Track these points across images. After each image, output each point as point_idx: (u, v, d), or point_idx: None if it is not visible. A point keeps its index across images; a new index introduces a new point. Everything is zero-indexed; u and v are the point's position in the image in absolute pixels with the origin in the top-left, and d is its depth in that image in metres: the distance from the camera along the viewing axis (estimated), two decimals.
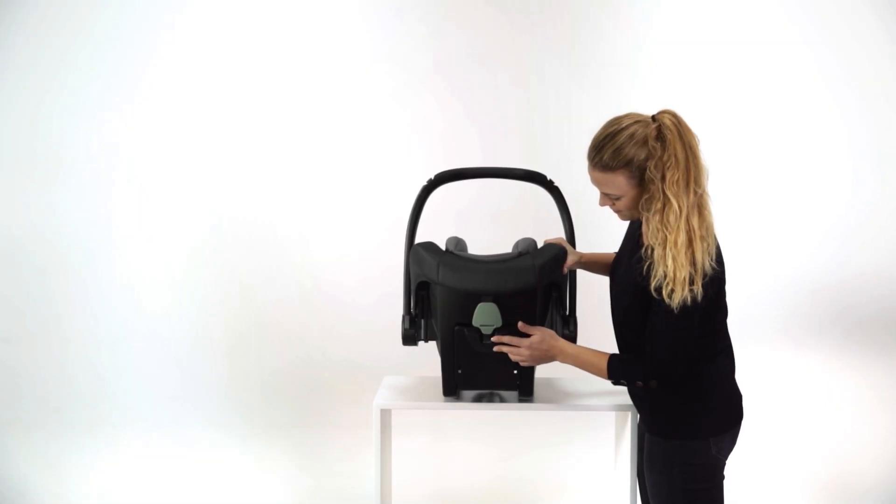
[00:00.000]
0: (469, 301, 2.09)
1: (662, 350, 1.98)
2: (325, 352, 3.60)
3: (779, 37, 3.50)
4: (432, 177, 2.25)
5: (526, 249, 2.16)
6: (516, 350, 2.10)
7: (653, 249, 1.95)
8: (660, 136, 1.95)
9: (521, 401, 2.24)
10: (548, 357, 2.10)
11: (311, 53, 3.54)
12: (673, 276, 1.92)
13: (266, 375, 3.60)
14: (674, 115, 1.97)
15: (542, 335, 2.10)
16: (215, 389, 3.61)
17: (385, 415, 2.31)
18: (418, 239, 2.28)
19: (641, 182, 1.97)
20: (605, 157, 1.96)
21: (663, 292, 1.93)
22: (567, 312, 2.21)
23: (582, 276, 2.34)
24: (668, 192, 1.93)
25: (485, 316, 2.09)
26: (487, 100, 3.55)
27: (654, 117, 1.99)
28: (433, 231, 2.52)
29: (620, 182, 1.98)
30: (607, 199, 2.04)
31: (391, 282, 3.25)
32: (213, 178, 3.56)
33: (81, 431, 3.59)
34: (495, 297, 2.08)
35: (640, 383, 2.04)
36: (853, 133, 3.52)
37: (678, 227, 1.92)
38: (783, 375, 3.55)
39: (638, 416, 2.21)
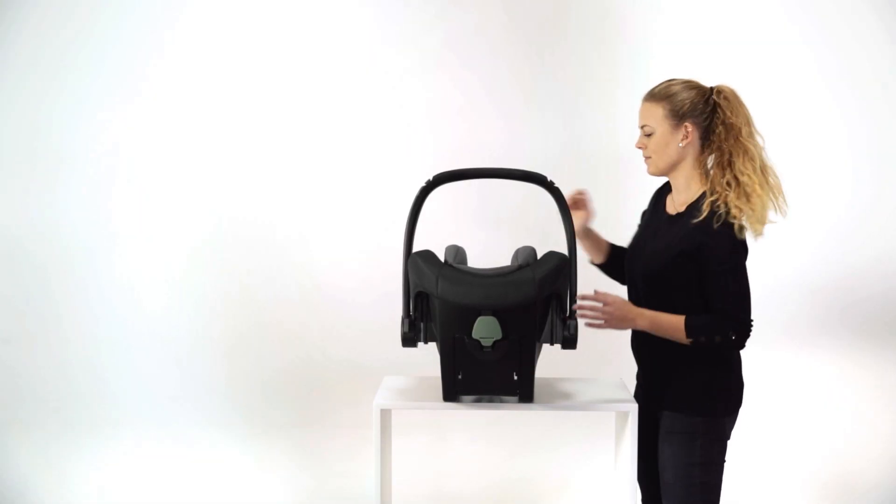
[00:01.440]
0: (468, 314, 2.09)
1: (732, 296, 2.10)
2: (325, 352, 3.60)
3: (779, 37, 3.50)
4: (430, 178, 2.24)
5: (526, 261, 2.15)
6: (601, 310, 2.15)
7: (713, 193, 2.13)
8: (710, 98, 2.17)
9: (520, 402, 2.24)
10: (627, 320, 2.16)
11: (309, 56, 3.54)
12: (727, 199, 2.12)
13: (266, 375, 3.60)
14: (731, 89, 2.19)
15: (619, 301, 2.17)
16: (215, 389, 3.61)
17: (385, 415, 2.31)
18: (417, 240, 2.28)
19: (677, 123, 2.15)
20: (656, 90, 2.19)
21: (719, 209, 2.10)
22: (567, 315, 2.21)
23: (582, 278, 2.34)
24: (725, 143, 2.15)
25: (485, 329, 2.09)
26: (488, 100, 3.56)
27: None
28: (433, 233, 2.52)
29: (658, 114, 2.16)
30: (642, 137, 2.21)
31: (391, 282, 3.24)
32: (213, 178, 3.56)
33: (81, 431, 3.59)
34: (495, 311, 2.08)
35: (718, 338, 2.11)
36: (853, 133, 3.52)
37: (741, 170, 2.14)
38: (782, 375, 3.55)
39: (631, 409, 2.21)
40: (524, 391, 2.18)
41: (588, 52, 3.54)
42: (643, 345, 2.30)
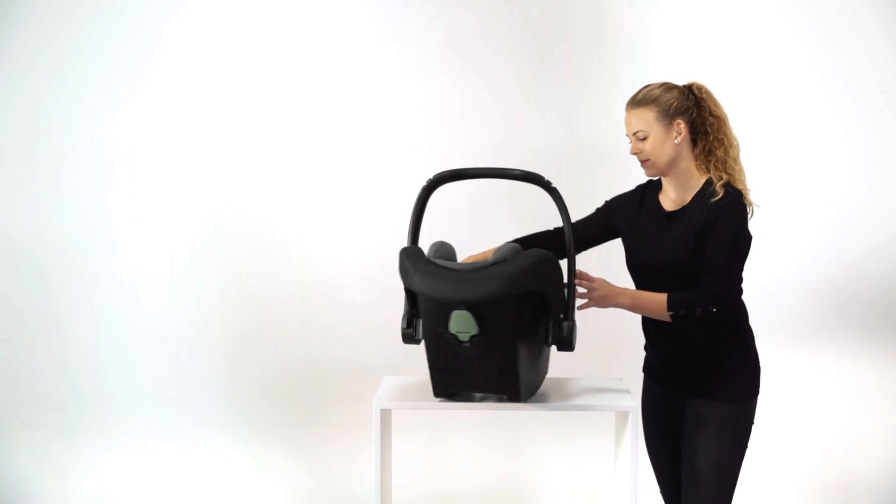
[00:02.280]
0: (445, 308, 2.09)
1: (718, 275, 2.18)
2: (325, 351, 3.60)
3: (778, 37, 3.50)
4: (431, 177, 2.25)
5: (504, 256, 2.12)
6: (588, 286, 2.23)
7: (716, 179, 2.24)
8: (689, 94, 2.28)
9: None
10: (609, 298, 2.24)
11: (309, 56, 3.55)
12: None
13: (266, 375, 3.60)
14: (704, 84, 2.31)
15: (600, 280, 2.26)
16: (215, 389, 3.61)
17: (385, 415, 2.31)
18: (422, 239, 2.29)
19: (668, 123, 2.24)
20: (639, 96, 2.28)
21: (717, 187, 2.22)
22: (563, 316, 2.20)
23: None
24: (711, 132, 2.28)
25: (459, 323, 2.09)
26: (488, 100, 3.56)
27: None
28: (439, 231, 2.52)
29: (648, 118, 2.25)
30: (636, 143, 2.28)
31: (391, 280, 3.24)
32: (213, 178, 3.56)
33: (82, 431, 3.59)
34: (469, 305, 2.08)
35: (699, 311, 2.17)
36: (850, 132, 3.52)
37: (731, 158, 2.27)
38: (781, 375, 3.54)
39: (632, 409, 2.22)
40: (510, 390, 2.17)
41: (588, 51, 3.54)
42: (664, 332, 2.32)
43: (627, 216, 2.41)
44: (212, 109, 3.55)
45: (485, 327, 2.08)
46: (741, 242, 2.20)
